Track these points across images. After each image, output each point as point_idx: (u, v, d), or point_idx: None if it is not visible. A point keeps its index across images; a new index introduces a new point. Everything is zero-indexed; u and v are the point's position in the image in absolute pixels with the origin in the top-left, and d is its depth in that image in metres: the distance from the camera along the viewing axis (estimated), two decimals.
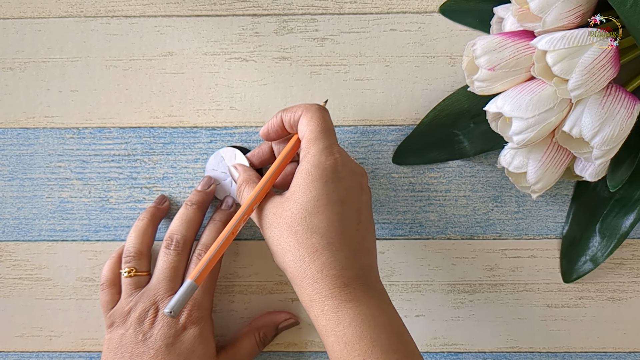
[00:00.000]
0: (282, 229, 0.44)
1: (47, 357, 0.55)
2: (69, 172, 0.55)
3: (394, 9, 0.54)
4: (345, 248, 0.43)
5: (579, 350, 0.55)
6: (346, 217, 0.44)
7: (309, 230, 0.43)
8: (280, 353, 0.55)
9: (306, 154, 0.45)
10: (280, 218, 0.44)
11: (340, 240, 0.43)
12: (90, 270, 0.55)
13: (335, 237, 0.43)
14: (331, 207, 0.43)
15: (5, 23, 0.55)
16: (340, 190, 0.44)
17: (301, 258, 0.43)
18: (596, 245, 0.53)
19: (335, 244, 0.43)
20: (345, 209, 0.44)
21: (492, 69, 0.44)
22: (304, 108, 0.47)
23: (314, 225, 0.43)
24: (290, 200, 0.44)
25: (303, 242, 0.42)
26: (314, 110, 0.46)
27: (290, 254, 0.43)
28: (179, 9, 0.55)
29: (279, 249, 0.44)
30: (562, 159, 0.46)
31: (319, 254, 0.42)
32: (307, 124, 0.46)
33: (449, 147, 0.54)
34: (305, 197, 0.43)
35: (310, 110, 0.47)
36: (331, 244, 0.43)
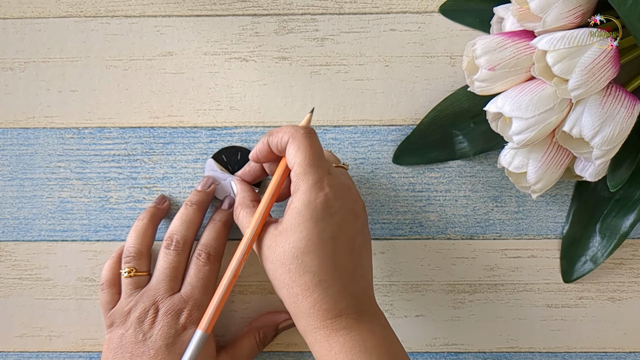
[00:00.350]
0: (276, 265, 0.44)
1: (47, 357, 0.55)
2: (69, 172, 0.55)
3: (394, 9, 0.54)
4: (337, 282, 0.44)
5: (579, 350, 0.55)
6: (338, 252, 0.44)
7: (301, 269, 0.43)
8: (280, 353, 0.55)
9: (296, 189, 0.45)
10: (274, 254, 0.44)
11: (333, 276, 0.44)
12: (90, 270, 0.55)
13: (327, 273, 0.43)
14: (322, 246, 0.43)
15: (5, 23, 0.55)
16: (332, 227, 0.44)
17: (294, 294, 0.44)
18: (596, 245, 0.53)
19: (328, 281, 0.43)
20: (337, 245, 0.44)
21: (492, 69, 0.44)
22: (290, 135, 0.45)
23: (306, 264, 0.43)
24: (283, 236, 0.44)
25: (296, 280, 0.44)
26: (301, 138, 0.45)
27: (284, 289, 0.44)
28: (179, 9, 0.55)
29: (274, 282, 0.45)
30: (562, 159, 0.46)
31: (311, 292, 0.43)
32: (295, 154, 0.45)
33: (449, 147, 0.54)
34: (297, 236, 0.43)
35: (296, 138, 0.45)
36: (323, 281, 0.43)
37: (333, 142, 0.54)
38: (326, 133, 0.54)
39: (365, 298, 0.45)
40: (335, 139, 0.54)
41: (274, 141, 0.47)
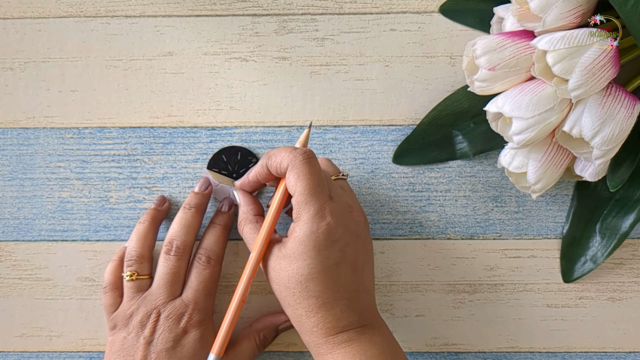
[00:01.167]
0: (281, 288, 0.45)
1: (47, 357, 0.55)
2: (69, 172, 0.55)
3: (394, 9, 0.54)
4: (340, 303, 0.45)
5: (579, 350, 0.55)
6: (342, 275, 0.45)
7: (305, 294, 0.44)
8: (280, 353, 0.55)
9: (298, 218, 0.45)
10: (279, 277, 0.45)
11: (335, 298, 0.45)
12: (90, 270, 0.55)
13: (331, 296, 0.44)
14: (325, 272, 0.44)
15: (5, 23, 0.55)
16: (334, 254, 0.44)
17: (298, 315, 0.45)
18: (596, 245, 0.53)
19: (331, 303, 0.44)
20: (340, 269, 0.45)
21: (492, 69, 0.44)
22: (289, 161, 0.45)
23: (310, 290, 0.44)
24: (287, 261, 0.45)
25: (300, 303, 0.45)
26: (300, 166, 0.45)
27: (289, 309, 0.46)
28: (179, 9, 0.55)
29: (280, 301, 0.46)
30: (562, 159, 0.46)
31: (315, 313, 0.45)
32: (295, 182, 0.45)
33: (449, 147, 0.54)
34: (301, 264, 0.44)
35: (295, 165, 0.45)
36: (326, 303, 0.44)
37: (333, 142, 0.54)
38: (326, 133, 0.54)
39: (367, 312, 0.46)
40: (335, 139, 0.54)
41: (273, 165, 0.46)
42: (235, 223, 0.53)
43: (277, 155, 0.46)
